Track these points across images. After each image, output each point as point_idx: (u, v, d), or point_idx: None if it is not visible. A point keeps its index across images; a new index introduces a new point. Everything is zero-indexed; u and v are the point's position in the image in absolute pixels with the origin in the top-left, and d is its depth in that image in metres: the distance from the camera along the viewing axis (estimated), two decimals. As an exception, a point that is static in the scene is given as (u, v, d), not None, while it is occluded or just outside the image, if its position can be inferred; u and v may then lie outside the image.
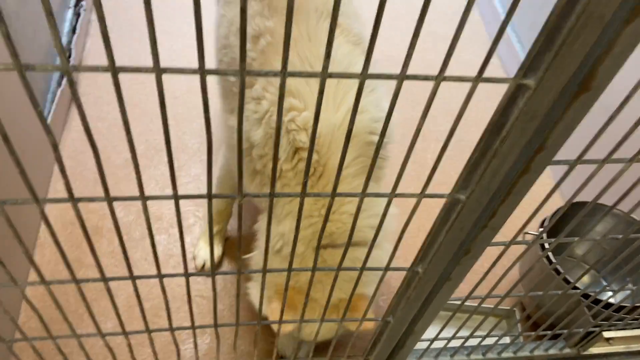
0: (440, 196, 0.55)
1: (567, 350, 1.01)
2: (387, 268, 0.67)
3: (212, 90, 1.46)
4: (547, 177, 1.55)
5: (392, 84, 0.42)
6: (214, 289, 0.68)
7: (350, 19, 0.94)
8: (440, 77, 0.41)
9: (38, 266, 0.56)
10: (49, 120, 1.34)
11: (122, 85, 0.39)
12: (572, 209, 0.98)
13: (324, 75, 0.41)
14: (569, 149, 0.58)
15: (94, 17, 1.69)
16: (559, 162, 0.53)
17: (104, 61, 0.37)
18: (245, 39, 0.36)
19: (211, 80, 1.04)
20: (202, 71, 0.38)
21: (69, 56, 1.44)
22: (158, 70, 0.38)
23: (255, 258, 0.98)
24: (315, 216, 0.89)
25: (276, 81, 0.87)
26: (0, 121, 0.38)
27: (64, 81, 1.41)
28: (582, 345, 1.00)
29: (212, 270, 0.64)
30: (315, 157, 0.86)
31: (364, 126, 0.89)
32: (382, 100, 0.94)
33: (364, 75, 0.41)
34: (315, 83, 0.87)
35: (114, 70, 0.38)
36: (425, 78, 0.41)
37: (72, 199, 0.49)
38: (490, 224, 0.59)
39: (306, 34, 0.87)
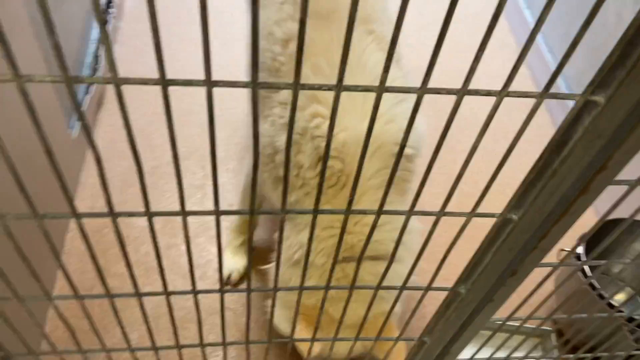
0: (491, 216, 0.53)
1: (606, 374, 0.97)
2: (428, 288, 0.64)
3: (242, 95, 1.42)
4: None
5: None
6: (248, 307, 0.66)
7: (385, 26, 0.92)
8: (503, 93, 0.39)
9: (69, 276, 0.55)
10: (76, 129, 1.34)
11: (145, 94, 0.37)
12: (606, 226, 0.94)
13: (381, 90, 0.39)
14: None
15: (122, 24, 1.69)
16: (620, 182, 0.50)
17: (132, 69, 0.36)
18: (302, 50, 0.34)
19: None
20: (254, 84, 0.37)
21: (96, 63, 1.45)
22: (209, 84, 0.37)
23: (274, 270, 0.95)
24: (336, 227, 0.86)
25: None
26: (46, 136, 0.37)
27: (93, 88, 1.41)
28: (622, 369, 0.96)
29: (248, 287, 0.62)
30: (339, 165, 0.84)
31: (391, 136, 0.87)
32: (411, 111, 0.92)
33: (424, 90, 0.39)
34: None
35: (164, 83, 0.36)
36: (481, 93, 0.39)
37: (112, 214, 0.47)
38: (541, 245, 0.56)
39: (337, 39, 0.86)
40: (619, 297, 1.21)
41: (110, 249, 1.26)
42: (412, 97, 0.97)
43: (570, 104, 0.39)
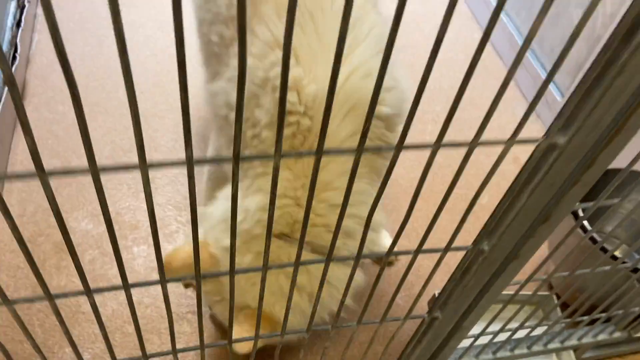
0: (534, 141, 0.43)
1: (617, 334, 0.90)
2: (447, 249, 0.53)
3: (193, 59, 1.25)
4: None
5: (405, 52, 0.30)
6: (232, 299, 0.53)
7: None
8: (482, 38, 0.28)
9: (3, 293, 0.41)
10: (-5, 124, 1.16)
11: (78, 83, 0.25)
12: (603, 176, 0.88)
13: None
14: None
15: (40, 10, 1.50)
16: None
17: (53, 58, 0.23)
18: None
19: (192, 48, 0.89)
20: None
21: (15, 51, 1.26)
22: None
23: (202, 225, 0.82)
24: (289, 196, 0.73)
25: (262, 34, 0.73)
26: None
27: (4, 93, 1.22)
28: (633, 327, 0.89)
29: (232, 270, 0.49)
30: (307, 123, 0.71)
31: (368, 93, 0.75)
32: (394, 67, 0.80)
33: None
34: (313, 33, 0.72)
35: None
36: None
37: (46, 173, 0.34)
38: (584, 179, 0.47)
39: None
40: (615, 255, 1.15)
41: (48, 260, 1.08)
42: (395, 53, 0.86)
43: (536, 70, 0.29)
